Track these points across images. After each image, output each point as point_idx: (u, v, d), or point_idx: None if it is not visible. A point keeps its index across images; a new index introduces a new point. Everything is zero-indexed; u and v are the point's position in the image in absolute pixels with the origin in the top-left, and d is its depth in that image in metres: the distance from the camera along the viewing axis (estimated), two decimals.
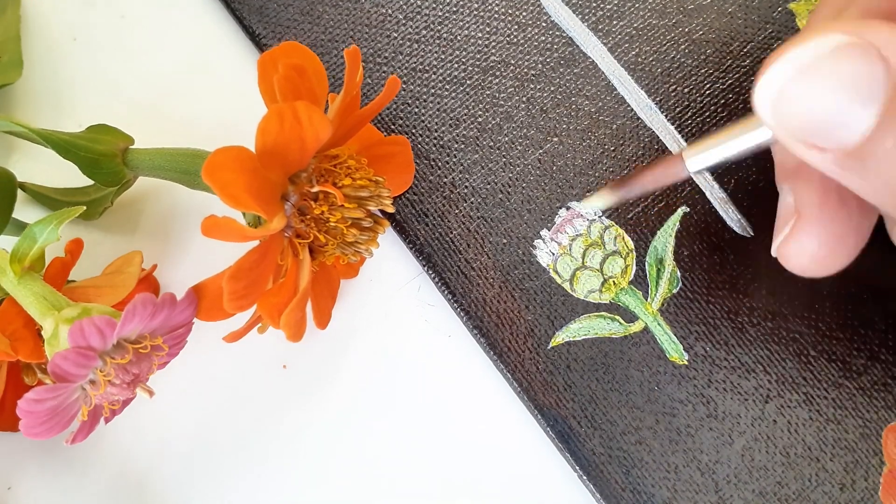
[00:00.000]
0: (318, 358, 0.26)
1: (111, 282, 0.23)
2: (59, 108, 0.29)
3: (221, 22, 0.30)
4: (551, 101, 0.28)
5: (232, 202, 0.17)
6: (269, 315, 0.20)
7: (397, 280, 0.27)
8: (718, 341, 0.26)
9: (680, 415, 0.25)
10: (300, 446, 0.26)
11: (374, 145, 0.24)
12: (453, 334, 0.27)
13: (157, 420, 0.26)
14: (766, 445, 0.25)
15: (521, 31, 0.28)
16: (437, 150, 0.27)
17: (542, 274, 0.26)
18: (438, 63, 0.28)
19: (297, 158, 0.19)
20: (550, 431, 0.25)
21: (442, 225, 0.27)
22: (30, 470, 0.25)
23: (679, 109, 0.28)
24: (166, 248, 0.27)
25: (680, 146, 0.27)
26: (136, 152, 0.24)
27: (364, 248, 0.22)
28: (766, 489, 0.24)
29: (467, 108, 0.28)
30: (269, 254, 0.20)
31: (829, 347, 0.26)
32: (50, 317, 0.20)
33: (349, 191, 0.21)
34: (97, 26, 0.30)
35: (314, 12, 0.29)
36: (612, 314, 0.26)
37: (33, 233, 0.21)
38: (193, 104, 0.29)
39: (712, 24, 0.28)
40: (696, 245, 0.27)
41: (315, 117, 0.18)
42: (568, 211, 0.27)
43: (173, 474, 0.25)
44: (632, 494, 0.24)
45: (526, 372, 0.25)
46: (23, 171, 0.26)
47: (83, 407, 0.20)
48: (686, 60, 0.28)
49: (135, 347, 0.20)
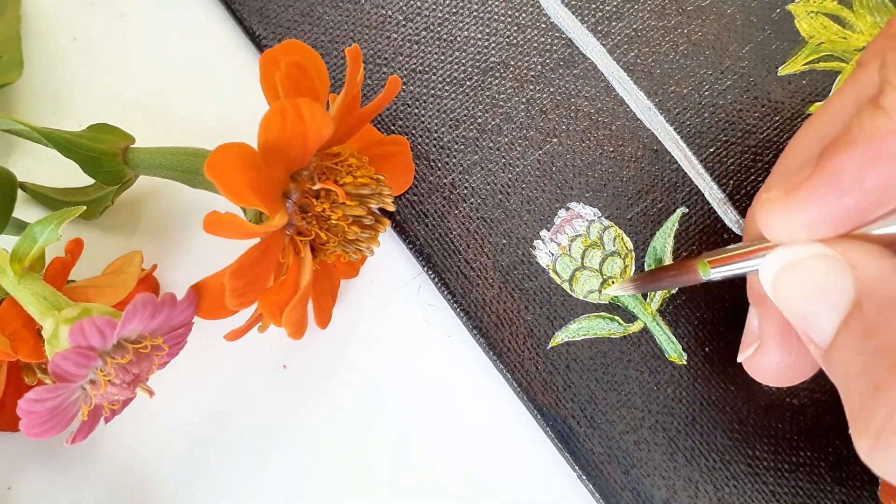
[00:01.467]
0: (318, 358, 0.26)
1: (111, 282, 0.23)
2: (60, 107, 0.29)
3: (221, 22, 0.30)
4: (551, 102, 0.28)
5: (234, 198, 0.17)
6: (270, 313, 0.20)
7: (397, 280, 0.27)
8: (717, 341, 0.26)
9: (679, 414, 0.25)
10: (300, 446, 0.26)
11: (373, 145, 0.24)
12: (453, 334, 0.27)
13: (157, 420, 0.26)
14: (765, 445, 0.25)
15: (521, 32, 0.28)
16: (437, 151, 0.27)
17: (541, 274, 0.26)
18: (438, 64, 0.28)
19: (298, 155, 0.19)
20: (550, 431, 0.25)
21: (442, 225, 0.27)
22: (30, 470, 0.25)
23: (678, 110, 0.28)
24: (166, 247, 0.27)
25: (679, 147, 0.27)
26: (136, 151, 0.24)
27: (365, 246, 0.22)
28: (765, 489, 0.25)
29: (467, 109, 0.28)
30: (271, 251, 0.20)
31: None
32: (50, 317, 0.20)
33: (350, 188, 0.21)
34: (97, 26, 0.30)
35: (314, 13, 0.29)
36: (612, 314, 0.26)
37: (33, 233, 0.21)
38: (193, 104, 0.29)
39: (711, 26, 0.29)
40: (694, 245, 0.27)
41: (317, 114, 0.18)
42: (567, 211, 0.27)
43: (173, 474, 0.25)
44: (631, 494, 0.24)
45: (525, 372, 0.25)
46: (23, 170, 0.26)
47: (83, 407, 0.20)
48: (685, 62, 0.28)
49: (135, 347, 0.20)
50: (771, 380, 0.23)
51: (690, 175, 0.27)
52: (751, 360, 0.23)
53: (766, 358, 0.22)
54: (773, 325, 0.22)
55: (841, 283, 0.17)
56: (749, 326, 0.23)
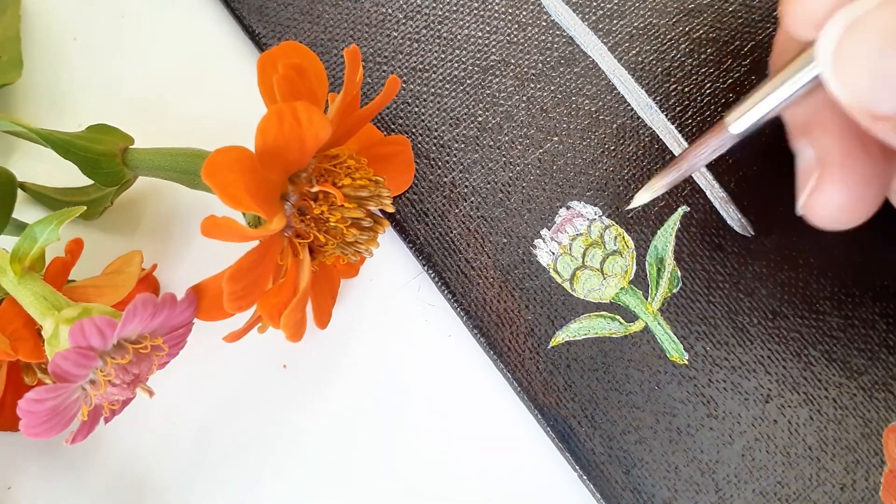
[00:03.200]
0: (318, 358, 0.26)
1: (111, 282, 0.23)
2: (59, 107, 0.29)
3: (221, 22, 0.30)
4: (551, 101, 0.28)
5: (232, 202, 0.17)
6: (269, 315, 0.20)
7: (397, 280, 0.27)
8: (719, 341, 0.26)
9: (680, 414, 0.25)
10: (300, 446, 0.26)
11: (374, 145, 0.24)
12: (453, 334, 0.27)
13: (157, 420, 0.26)
14: (766, 445, 0.25)
15: (522, 30, 0.28)
16: (437, 150, 0.27)
17: (542, 273, 0.26)
18: (438, 62, 0.28)
19: (296, 158, 0.19)
20: (550, 431, 0.25)
21: (442, 224, 0.26)
22: (30, 470, 0.25)
23: (679, 109, 0.28)
24: (166, 248, 0.27)
25: (680, 146, 0.27)
26: (135, 152, 0.24)
27: (364, 247, 0.22)
28: (766, 489, 0.24)
29: (467, 108, 0.28)
30: (269, 254, 0.20)
31: (830, 347, 0.26)
32: (50, 317, 0.20)
33: (349, 191, 0.21)
34: (97, 26, 0.30)
35: (314, 12, 0.29)
36: (613, 314, 0.26)
37: (33, 233, 0.21)
38: (193, 104, 0.29)
39: (713, 24, 0.28)
40: (696, 244, 0.27)
41: (314, 117, 0.18)
42: (568, 210, 0.27)
43: (173, 474, 0.25)
44: (632, 494, 0.24)
45: (526, 372, 0.25)
46: (23, 171, 0.27)
47: (83, 407, 0.20)
48: (686, 59, 0.28)
49: (135, 347, 0.20)
50: (835, 219, 0.20)
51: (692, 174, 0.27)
52: (812, 199, 0.20)
53: (829, 189, 0.20)
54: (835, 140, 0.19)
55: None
56: (803, 162, 0.21)
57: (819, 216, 0.21)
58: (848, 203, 0.20)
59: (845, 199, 0.20)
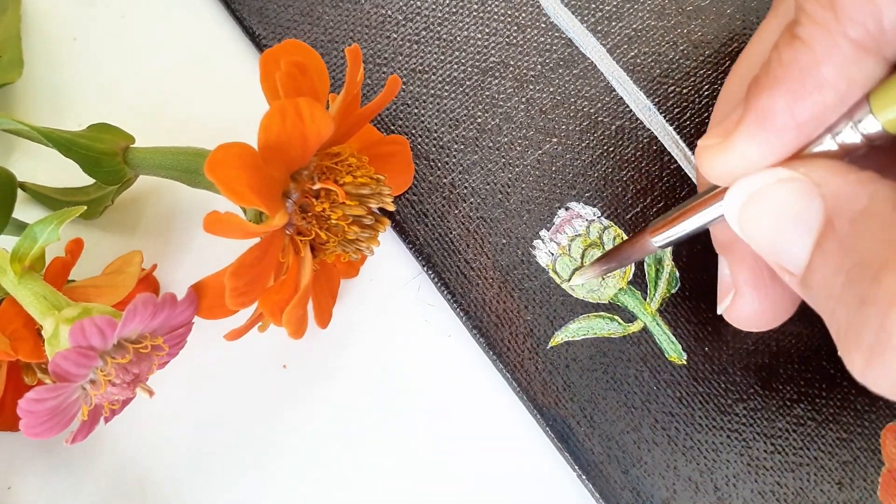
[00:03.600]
0: (318, 358, 0.26)
1: (111, 282, 0.23)
2: (60, 107, 0.29)
3: (221, 22, 0.30)
4: (550, 102, 0.28)
5: (234, 198, 0.17)
6: (270, 312, 0.20)
7: (397, 280, 0.27)
8: (717, 341, 0.26)
9: (679, 414, 0.25)
10: (300, 446, 0.26)
11: (373, 145, 0.24)
12: (453, 334, 0.27)
13: (157, 420, 0.26)
14: (764, 445, 0.25)
15: (521, 32, 0.28)
16: (437, 151, 0.27)
17: (541, 274, 0.26)
18: (438, 64, 0.28)
19: (298, 155, 0.19)
20: (550, 431, 0.25)
21: (441, 225, 0.27)
22: (30, 470, 0.25)
23: (678, 110, 0.28)
24: (166, 247, 0.27)
25: (678, 147, 0.27)
26: (136, 151, 0.24)
27: (365, 245, 0.22)
28: (764, 489, 0.25)
29: (467, 109, 0.28)
30: (271, 251, 0.20)
31: (829, 347, 0.26)
32: (50, 317, 0.20)
33: (350, 188, 0.21)
34: (97, 26, 0.30)
35: (314, 13, 0.29)
36: (611, 314, 0.26)
37: (33, 233, 0.21)
38: (193, 104, 0.29)
39: (711, 26, 0.29)
40: (694, 245, 0.27)
41: (317, 114, 0.18)
42: (567, 211, 0.27)
43: (173, 474, 0.25)
44: (631, 494, 0.24)
45: (525, 372, 0.25)
46: (23, 170, 0.27)
47: (83, 407, 0.20)
48: (685, 62, 0.28)
49: (135, 347, 0.20)
50: (753, 325, 0.22)
51: (690, 175, 0.27)
52: (729, 309, 0.22)
53: (744, 304, 0.22)
54: (745, 270, 0.21)
55: (809, 205, 0.16)
56: (721, 277, 0.23)
57: (736, 322, 0.23)
58: (761, 318, 0.22)
59: (758, 316, 0.22)
